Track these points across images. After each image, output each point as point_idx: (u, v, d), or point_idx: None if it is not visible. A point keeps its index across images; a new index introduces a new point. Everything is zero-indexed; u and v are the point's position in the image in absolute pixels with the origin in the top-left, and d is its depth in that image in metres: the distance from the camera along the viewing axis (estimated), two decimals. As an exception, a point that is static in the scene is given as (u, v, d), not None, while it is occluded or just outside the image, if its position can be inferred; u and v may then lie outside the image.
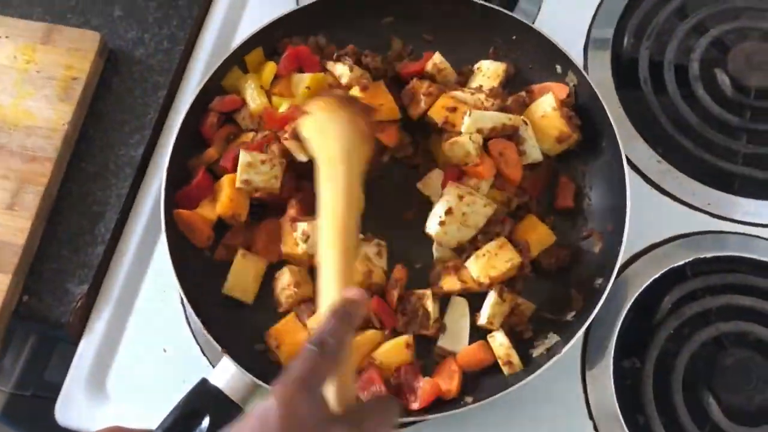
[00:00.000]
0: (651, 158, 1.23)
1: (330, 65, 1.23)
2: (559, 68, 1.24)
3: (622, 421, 1.07)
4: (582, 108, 1.21)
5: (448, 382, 1.07)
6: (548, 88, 1.22)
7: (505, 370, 1.08)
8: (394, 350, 1.09)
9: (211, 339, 1.06)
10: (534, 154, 1.18)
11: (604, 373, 1.10)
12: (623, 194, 1.11)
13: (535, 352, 1.10)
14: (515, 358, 1.07)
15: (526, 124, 1.17)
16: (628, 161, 1.16)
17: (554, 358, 1.03)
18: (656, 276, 1.15)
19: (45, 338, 1.21)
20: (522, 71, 1.27)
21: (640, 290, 1.14)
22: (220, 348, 1.05)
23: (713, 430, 1.07)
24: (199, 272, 1.14)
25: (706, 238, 1.18)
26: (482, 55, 1.28)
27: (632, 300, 1.13)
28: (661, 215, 1.20)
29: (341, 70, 1.21)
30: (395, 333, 1.12)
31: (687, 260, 1.16)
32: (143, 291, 1.21)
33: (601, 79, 1.29)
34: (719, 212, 1.20)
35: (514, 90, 1.23)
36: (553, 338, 1.10)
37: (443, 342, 1.12)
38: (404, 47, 1.30)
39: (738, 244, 1.18)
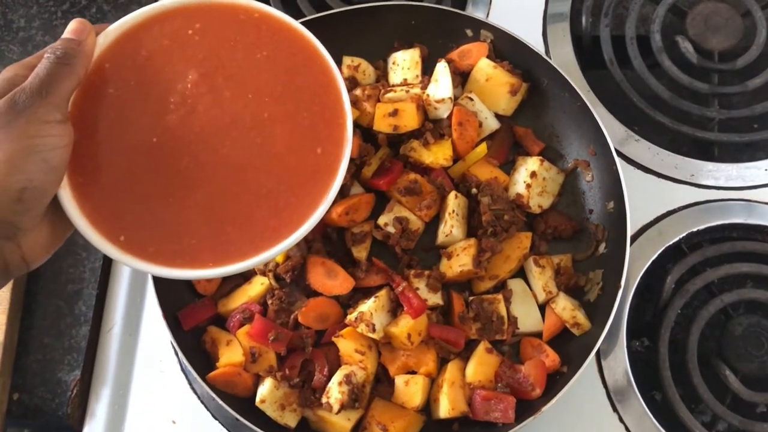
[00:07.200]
0: (629, 138, 1.22)
1: None
2: (469, 32, 1.22)
3: (641, 401, 1.08)
4: (511, 57, 1.20)
5: (545, 357, 1.08)
6: (467, 50, 1.21)
7: (575, 331, 1.09)
8: (483, 363, 1.06)
9: (224, 405, 1.02)
10: (491, 123, 1.18)
11: (619, 360, 1.11)
12: (618, 181, 1.10)
13: (591, 296, 1.11)
14: (581, 318, 1.08)
15: (472, 99, 1.16)
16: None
17: (575, 375, 1.02)
18: (654, 257, 1.15)
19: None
20: (433, 50, 1.24)
21: (642, 273, 1.14)
22: (235, 415, 1.01)
23: (734, 400, 1.09)
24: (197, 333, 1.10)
25: (695, 210, 1.19)
26: (388, 49, 1.24)
27: (635, 285, 1.13)
28: (648, 194, 1.19)
29: None
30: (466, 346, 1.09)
31: (681, 236, 1.16)
32: (138, 363, 1.15)
33: (565, 63, 1.26)
34: (703, 182, 1.20)
35: (432, 68, 1.20)
36: (598, 274, 1.12)
37: (524, 327, 1.11)
38: None
39: (727, 211, 1.18)
